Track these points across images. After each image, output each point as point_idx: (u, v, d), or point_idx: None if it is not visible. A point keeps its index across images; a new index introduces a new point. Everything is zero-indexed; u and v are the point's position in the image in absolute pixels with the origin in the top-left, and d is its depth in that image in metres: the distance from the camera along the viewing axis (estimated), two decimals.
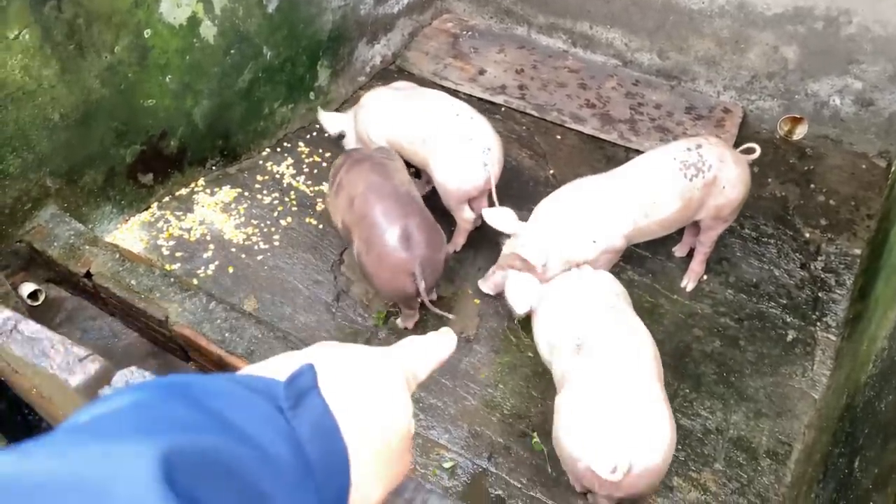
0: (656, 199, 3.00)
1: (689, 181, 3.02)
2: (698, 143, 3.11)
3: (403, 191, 2.98)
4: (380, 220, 2.87)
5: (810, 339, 3.33)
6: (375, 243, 2.87)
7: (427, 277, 2.87)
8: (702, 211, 3.14)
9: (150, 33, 3.20)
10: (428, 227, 2.91)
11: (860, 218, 3.95)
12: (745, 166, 3.15)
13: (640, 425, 2.16)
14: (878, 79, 4.08)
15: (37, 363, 0.97)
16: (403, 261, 2.82)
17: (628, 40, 4.72)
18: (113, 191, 3.42)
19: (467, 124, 3.26)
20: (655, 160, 3.09)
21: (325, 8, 4.08)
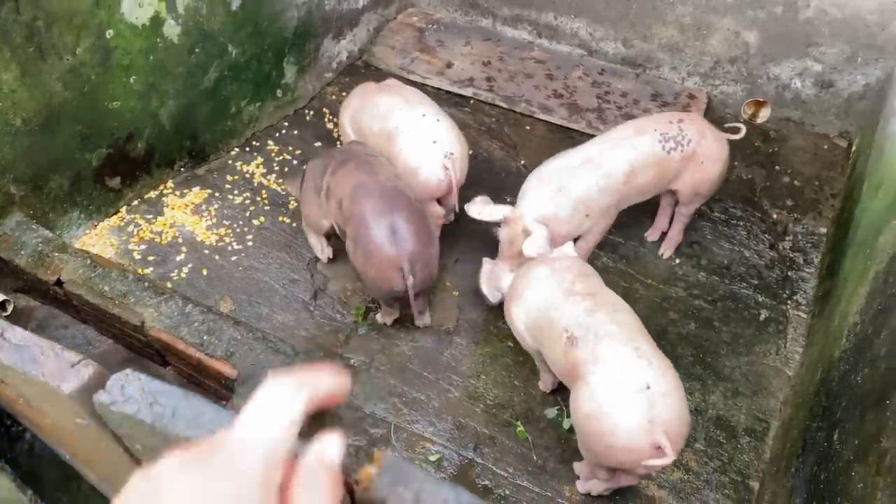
0: (634, 167, 3.07)
1: (667, 153, 3.09)
2: (680, 117, 3.20)
3: (389, 186, 2.93)
4: (366, 217, 2.83)
5: (782, 317, 3.40)
6: (362, 241, 2.84)
7: (417, 273, 2.82)
8: (678, 182, 3.22)
9: (113, 34, 3.14)
10: (416, 221, 2.85)
11: (824, 197, 4.04)
12: (724, 144, 3.23)
13: (669, 398, 2.21)
14: (836, 61, 4.17)
15: (27, 371, 0.94)
16: (390, 256, 2.79)
17: (593, 30, 4.76)
18: (80, 196, 3.35)
19: (432, 126, 3.25)
20: (636, 129, 3.15)
21: (290, 4, 4.04)
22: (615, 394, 2.24)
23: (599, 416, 2.26)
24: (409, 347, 3.16)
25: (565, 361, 2.45)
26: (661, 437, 2.15)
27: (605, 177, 3.04)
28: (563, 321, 2.49)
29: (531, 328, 2.69)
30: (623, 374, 2.25)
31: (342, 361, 3.09)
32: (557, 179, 3.02)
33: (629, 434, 2.20)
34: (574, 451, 2.83)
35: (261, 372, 2.60)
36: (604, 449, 2.31)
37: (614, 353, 2.30)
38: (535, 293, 2.67)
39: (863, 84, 4.17)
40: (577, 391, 2.37)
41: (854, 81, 4.19)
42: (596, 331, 2.38)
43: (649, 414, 2.18)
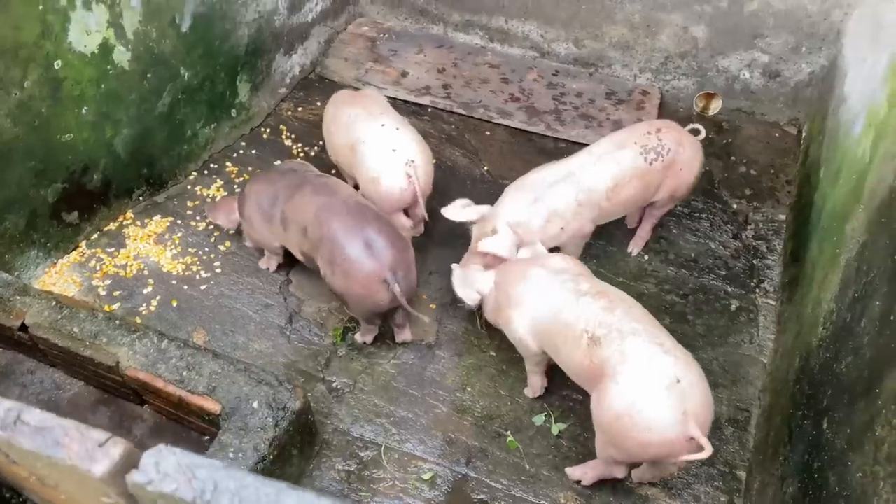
0: (618, 182, 3.09)
1: (650, 165, 3.13)
2: (657, 126, 3.24)
3: (353, 202, 2.92)
4: (338, 237, 2.80)
5: (752, 306, 3.48)
6: (339, 261, 2.80)
7: (401, 280, 2.79)
8: (659, 192, 3.27)
9: (61, 64, 3.02)
10: (388, 231, 2.83)
11: (780, 184, 4.15)
12: (699, 149, 3.31)
13: (697, 389, 2.28)
14: (782, 51, 4.29)
15: (51, 455, 0.88)
16: (372, 270, 2.76)
17: (544, 32, 4.79)
18: (37, 234, 3.22)
19: (392, 135, 3.24)
20: (616, 143, 3.18)
21: (240, 22, 3.96)
22: (649, 390, 2.26)
23: (633, 413, 2.27)
24: (391, 365, 3.13)
25: (589, 363, 2.44)
26: (695, 429, 2.20)
27: (587, 191, 3.06)
28: (581, 323, 2.49)
29: (540, 333, 2.68)
30: (654, 370, 2.28)
31: (325, 386, 3.04)
32: (536, 190, 3.05)
33: (666, 429, 2.23)
34: (565, 457, 2.85)
35: (245, 405, 2.54)
36: (637, 446, 2.32)
37: (642, 350, 2.33)
38: (540, 297, 2.66)
39: (808, 72, 4.30)
40: (605, 391, 2.36)
41: (800, 70, 4.31)
42: (619, 328, 2.41)
43: (682, 407, 2.22)
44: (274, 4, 4.20)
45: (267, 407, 2.53)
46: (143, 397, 2.81)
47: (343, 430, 2.90)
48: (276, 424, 2.50)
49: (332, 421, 2.92)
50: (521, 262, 2.86)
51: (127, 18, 3.26)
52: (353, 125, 3.33)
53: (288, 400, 2.56)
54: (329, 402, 2.98)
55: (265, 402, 2.55)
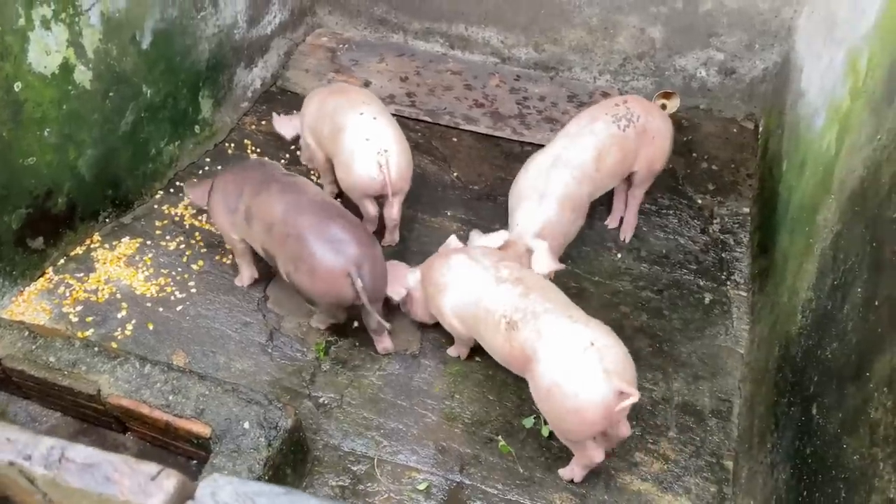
0: (600, 151, 3.20)
1: (623, 131, 3.26)
2: (624, 98, 3.41)
3: (319, 200, 2.98)
4: (304, 234, 2.82)
5: (724, 298, 3.56)
6: (305, 257, 2.81)
7: (366, 275, 2.80)
8: (637, 161, 3.39)
9: (21, 86, 2.93)
10: (352, 227, 2.87)
11: (742, 178, 4.26)
12: (667, 118, 3.50)
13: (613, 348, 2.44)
14: (736, 48, 4.42)
15: (102, 492, 0.85)
16: (336, 265, 2.78)
17: (504, 37, 4.83)
18: (1, 262, 3.11)
19: (368, 124, 3.31)
20: (588, 118, 3.30)
21: (200, 37, 3.90)
22: (567, 358, 2.42)
23: (560, 383, 2.41)
24: (377, 377, 3.11)
25: (510, 347, 2.59)
26: (619, 381, 2.35)
27: (579, 168, 3.15)
28: (499, 309, 2.63)
29: (465, 317, 2.81)
30: (567, 339, 2.44)
31: (311, 402, 3.00)
32: (535, 189, 3.09)
33: (592, 389, 2.36)
34: (557, 458, 2.87)
35: (236, 426, 2.49)
36: (573, 414, 2.42)
37: (554, 324, 2.50)
38: (461, 283, 2.79)
39: (762, 69, 4.43)
40: (532, 372, 2.52)
41: (754, 67, 4.45)
42: (533, 310, 2.55)
43: (602, 365, 2.36)
44: (233, 18, 4.15)
45: (259, 427, 2.49)
46: (126, 425, 2.73)
47: (334, 445, 2.87)
48: (270, 444, 2.47)
49: (321, 437, 2.89)
50: (444, 252, 2.99)
51: (87, 37, 3.17)
52: (336, 114, 3.41)
53: (279, 418, 2.52)
54: (317, 418, 2.95)
55: (256, 421, 2.51)
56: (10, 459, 0.99)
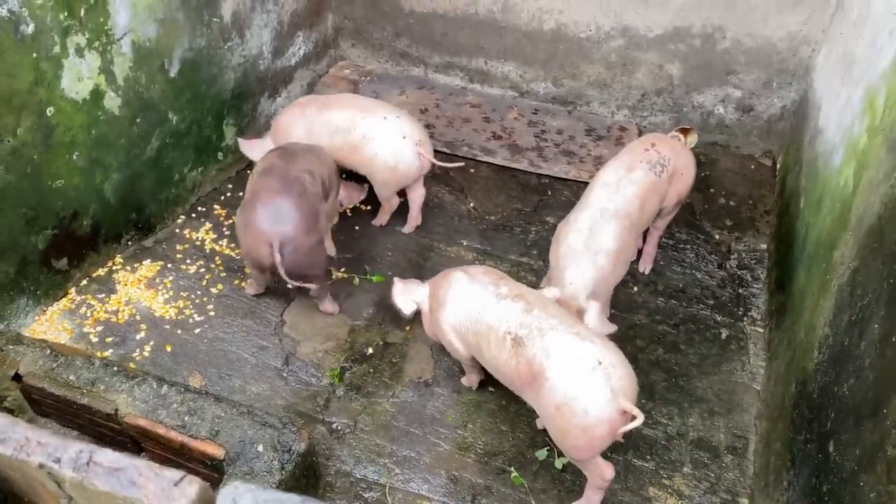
0: (643, 200, 3.21)
1: (659, 177, 3.29)
2: (651, 141, 3.42)
3: (293, 175, 3.12)
4: (258, 192, 3.06)
5: (741, 333, 3.54)
6: (247, 211, 3.06)
7: (286, 255, 2.97)
8: (667, 199, 3.43)
9: (53, 111, 3.02)
10: (300, 210, 3.03)
11: (759, 214, 4.26)
12: (690, 152, 3.55)
13: (619, 367, 2.47)
14: (754, 86, 4.45)
15: (128, 495, 0.87)
16: (263, 233, 2.97)
17: (523, 72, 4.91)
18: (26, 281, 3.17)
19: (396, 124, 3.59)
20: (625, 167, 3.28)
21: (226, 67, 3.99)
22: (576, 377, 2.43)
23: (569, 401, 2.43)
24: (391, 404, 3.11)
25: (515, 363, 2.58)
26: (625, 402, 2.38)
27: (627, 218, 3.12)
28: (503, 325, 2.64)
29: (464, 334, 2.81)
30: (576, 358, 2.46)
31: (325, 427, 3.01)
32: (588, 246, 3.02)
33: (600, 408, 2.39)
34: (570, 490, 2.85)
35: (250, 449, 2.51)
36: (580, 431, 2.45)
37: (561, 342, 2.51)
38: (462, 300, 2.80)
39: (780, 106, 4.46)
40: (539, 389, 2.52)
41: (772, 104, 4.47)
42: (538, 327, 2.57)
43: (609, 385, 2.40)
44: (259, 49, 4.25)
45: (272, 450, 2.50)
46: (142, 444, 2.75)
47: (346, 471, 2.86)
48: (283, 467, 2.47)
49: (334, 462, 2.89)
50: (449, 270, 3.01)
51: (118, 65, 3.27)
52: (355, 126, 3.60)
53: (293, 442, 2.53)
54: (330, 444, 2.95)
55: (270, 444, 2.52)
56: (40, 461, 1.02)
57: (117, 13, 3.17)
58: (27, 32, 2.80)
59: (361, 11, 5.04)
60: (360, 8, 5.02)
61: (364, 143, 3.57)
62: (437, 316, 2.88)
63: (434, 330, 2.96)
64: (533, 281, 3.69)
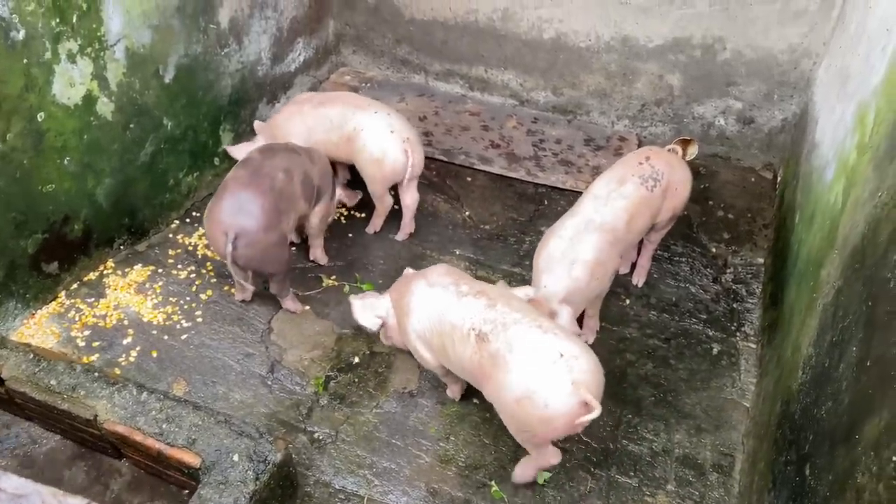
0: (632, 214, 3.17)
1: (651, 192, 3.24)
2: (646, 154, 3.37)
3: (265, 170, 3.17)
4: (227, 182, 3.15)
5: (733, 349, 3.50)
6: (214, 198, 3.14)
7: (239, 247, 3.02)
8: (661, 214, 3.38)
9: (44, 116, 3.04)
10: (263, 207, 3.06)
11: (757, 228, 4.22)
12: (687, 167, 3.50)
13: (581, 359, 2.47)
14: (755, 98, 4.41)
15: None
16: (219, 219, 3.04)
17: (523, 80, 4.89)
18: (15, 285, 3.19)
19: (385, 119, 3.67)
20: (616, 180, 3.24)
21: (223, 73, 4.01)
22: (538, 370, 2.46)
23: (530, 394, 2.45)
24: (373, 415, 3.10)
25: (479, 358, 2.60)
26: (586, 394, 2.39)
27: (611, 231, 3.09)
28: (466, 322, 2.65)
29: (430, 338, 2.81)
30: (538, 351, 2.48)
31: (306, 436, 3.00)
32: (566, 254, 3.01)
33: (560, 400, 2.42)
34: None
35: (225, 458, 2.50)
36: (540, 423, 2.49)
37: (524, 335, 2.53)
38: (426, 305, 2.79)
39: (781, 119, 4.41)
40: (500, 381, 2.54)
41: (773, 117, 4.43)
42: (502, 322, 2.58)
43: (570, 377, 2.41)
44: (257, 55, 4.27)
45: (247, 460, 2.50)
46: (122, 451, 2.76)
47: (325, 481, 2.85)
48: (257, 478, 2.46)
49: (313, 472, 2.88)
50: (406, 277, 3.01)
51: (111, 70, 3.29)
52: (347, 120, 3.69)
53: (269, 452, 2.52)
54: (311, 453, 2.94)
55: (246, 454, 2.51)
56: None
57: (110, 20, 3.19)
58: (18, 38, 2.82)
59: (363, 18, 5.04)
60: (362, 15, 5.03)
61: (355, 135, 3.66)
62: (404, 325, 2.87)
63: (402, 339, 2.95)
64: None
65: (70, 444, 2.89)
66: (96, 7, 3.10)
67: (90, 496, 2.73)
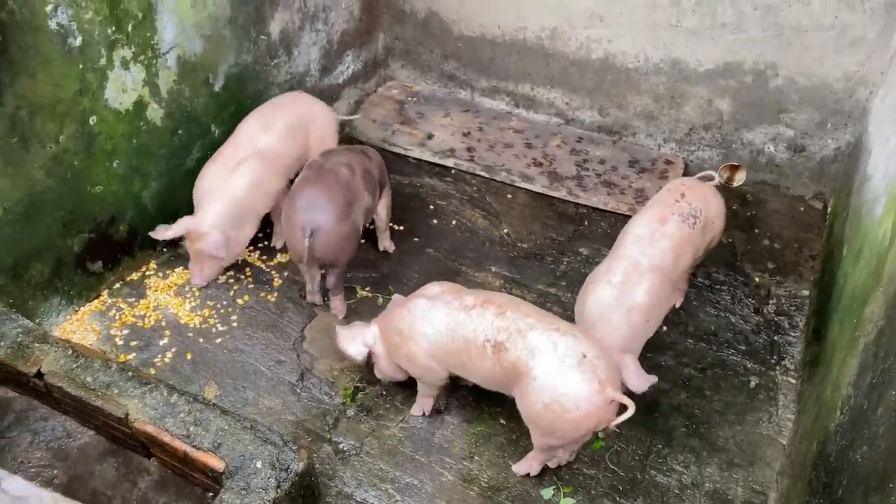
0: (677, 253, 3.12)
1: (692, 229, 3.20)
2: (681, 192, 3.29)
3: (328, 167, 3.35)
4: (296, 184, 3.31)
5: (772, 383, 3.39)
6: (286, 202, 3.32)
7: (317, 241, 3.17)
8: (701, 249, 3.34)
9: (96, 120, 3.14)
10: (334, 200, 3.22)
11: (804, 259, 4.09)
12: (720, 198, 3.41)
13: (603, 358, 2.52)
14: (807, 126, 4.29)
15: None
16: (297, 218, 3.18)
17: (569, 99, 4.86)
18: (61, 282, 3.29)
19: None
20: (657, 219, 3.17)
21: (272, 83, 4.09)
22: (564, 373, 2.47)
23: (558, 398, 2.47)
24: (399, 429, 3.10)
25: (500, 368, 2.60)
26: (613, 392, 2.45)
27: (661, 271, 3.03)
28: (480, 335, 2.65)
29: (441, 356, 2.80)
30: (561, 354, 2.50)
31: (331, 447, 3.02)
32: (621, 300, 2.93)
33: (589, 402, 2.45)
34: None
35: (249, 464, 2.53)
36: (571, 426, 2.51)
37: (544, 340, 2.54)
38: (431, 324, 2.78)
39: (834, 148, 4.28)
40: (527, 388, 2.54)
41: (825, 146, 4.30)
42: (517, 328, 2.59)
43: (596, 377, 2.45)
44: (306, 67, 4.34)
45: (270, 467, 2.52)
46: (151, 450, 2.81)
47: (347, 493, 2.86)
48: (279, 486, 2.48)
49: (336, 483, 2.89)
50: (400, 301, 3.00)
51: (162, 78, 3.39)
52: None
53: (292, 461, 2.54)
54: (334, 464, 2.95)
55: (269, 462, 2.53)
56: None
57: (164, 29, 3.29)
58: (75, 45, 2.93)
59: (412, 33, 5.09)
60: (411, 29, 5.08)
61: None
62: (406, 350, 2.85)
63: (404, 365, 2.93)
64: (559, 312, 3.61)
65: (103, 439, 2.95)
66: (151, 16, 3.20)
67: (119, 493, 2.79)
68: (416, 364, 2.89)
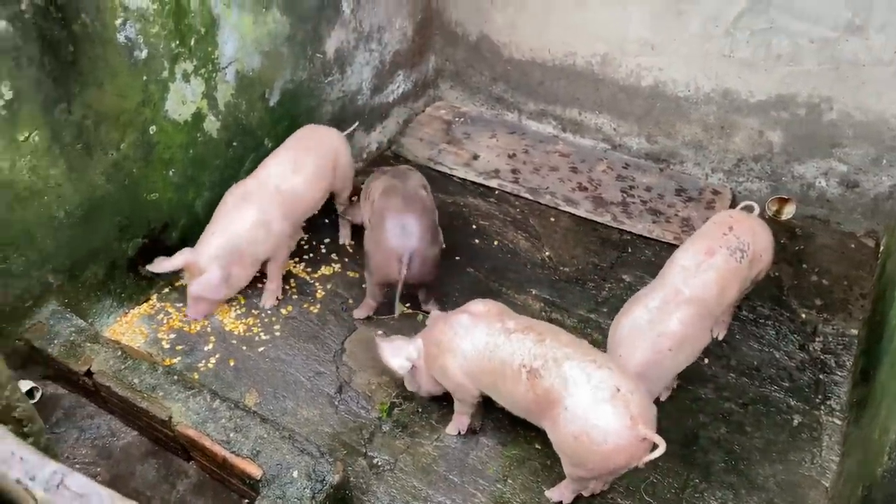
0: (722, 287, 3.09)
1: (740, 263, 3.16)
2: (729, 225, 3.26)
3: (410, 191, 3.48)
4: (385, 212, 3.35)
5: (816, 423, 3.31)
6: (376, 230, 3.36)
7: (414, 267, 3.27)
8: (748, 283, 3.30)
9: (156, 130, 3.25)
10: (423, 223, 3.33)
11: (854, 297, 4.00)
12: (768, 229, 3.37)
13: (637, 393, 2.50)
14: (861, 162, 4.21)
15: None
16: (394, 247, 3.26)
17: (617, 125, 4.86)
18: (114, 284, 3.40)
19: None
20: (705, 252, 3.14)
21: (325, 100, 4.18)
22: (596, 406, 2.46)
23: (588, 430, 2.46)
24: (434, 447, 3.11)
25: (533, 395, 2.61)
26: (645, 430, 2.42)
27: (702, 304, 3.00)
28: (517, 358, 2.66)
29: (476, 374, 2.82)
30: (595, 386, 2.49)
31: (366, 461, 3.04)
32: (654, 324, 2.92)
33: (619, 437, 2.43)
34: None
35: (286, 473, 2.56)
36: (600, 459, 2.49)
37: (579, 371, 2.53)
38: (471, 341, 2.81)
39: (889, 185, 4.19)
40: (558, 418, 2.54)
41: (880, 182, 4.22)
42: (553, 357, 2.60)
43: (628, 413, 2.43)
44: (358, 86, 4.43)
45: (306, 478, 2.55)
46: (191, 454, 2.87)
47: None
48: (314, 497, 2.51)
49: (369, 498, 2.91)
50: (443, 316, 3.04)
51: (221, 91, 3.49)
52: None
53: (327, 473, 2.57)
54: (368, 479, 2.97)
55: (305, 472, 2.56)
56: (17, 477, 1.10)
57: (225, 44, 3.40)
58: (140, 57, 3.04)
59: (463, 55, 5.15)
60: (462, 51, 5.14)
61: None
62: (442, 363, 2.89)
63: (438, 377, 2.97)
64: (599, 339, 3.61)
65: (146, 440, 3.03)
66: (213, 32, 3.31)
67: (158, 493, 2.86)
68: (448, 378, 2.92)
